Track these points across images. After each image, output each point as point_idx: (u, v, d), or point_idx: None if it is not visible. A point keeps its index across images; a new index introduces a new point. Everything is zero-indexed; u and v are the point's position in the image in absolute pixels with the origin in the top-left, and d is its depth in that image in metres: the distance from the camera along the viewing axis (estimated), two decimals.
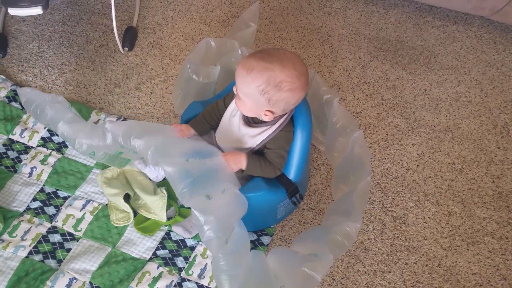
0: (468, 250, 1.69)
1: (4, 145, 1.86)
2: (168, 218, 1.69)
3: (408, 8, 2.37)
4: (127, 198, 1.72)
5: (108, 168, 1.77)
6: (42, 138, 1.88)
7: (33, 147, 1.86)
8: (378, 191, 1.81)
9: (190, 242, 1.67)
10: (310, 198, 1.79)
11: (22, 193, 1.75)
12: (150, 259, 1.63)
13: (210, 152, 1.54)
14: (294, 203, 1.67)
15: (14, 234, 1.66)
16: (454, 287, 1.62)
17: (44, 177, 1.79)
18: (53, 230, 1.68)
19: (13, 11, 1.73)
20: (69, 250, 1.64)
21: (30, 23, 2.26)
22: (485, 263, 1.67)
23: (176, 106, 1.91)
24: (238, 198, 1.48)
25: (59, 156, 1.84)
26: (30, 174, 1.80)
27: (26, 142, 1.87)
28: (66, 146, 1.87)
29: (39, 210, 1.72)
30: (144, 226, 1.69)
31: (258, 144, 1.55)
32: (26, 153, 1.85)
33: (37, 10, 1.72)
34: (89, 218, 1.71)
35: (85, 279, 1.59)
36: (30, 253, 1.63)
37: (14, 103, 1.96)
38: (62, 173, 1.80)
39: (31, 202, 1.74)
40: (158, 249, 1.65)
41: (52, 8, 2.31)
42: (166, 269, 1.61)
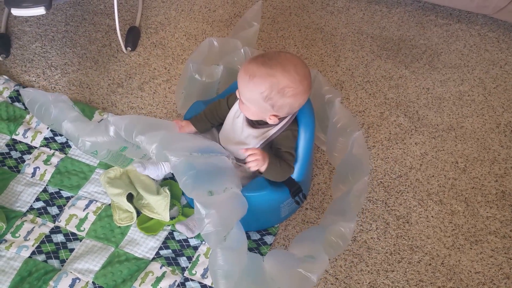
0: (471, 249, 1.69)
1: (7, 145, 1.87)
2: (171, 218, 1.69)
3: (411, 7, 2.36)
4: (130, 198, 1.72)
5: (111, 168, 1.78)
6: (45, 138, 1.88)
7: (36, 147, 1.87)
8: (381, 190, 1.81)
9: (193, 242, 1.67)
10: (313, 198, 1.79)
11: (25, 193, 1.76)
12: (153, 259, 1.63)
13: (214, 150, 1.55)
14: (297, 203, 1.67)
15: (17, 234, 1.66)
16: (457, 286, 1.62)
17: (47, 177, 1.80)
18: (56, 230, 1.69)
19: (16, 12, 1.73)
20: (72, 250, 1.65)
21: (33, 24, 2.27)
22: (488, 262, 1.67)
23: (179, 106, 1.91)
24: (239, 199, 1.48)
25: (62, 156, 1.85)
26: (33, 174, 1.80)
27: (29, 142, 1.88)
28: (69, 146, 1.87)
29: (42, 210, 1.72)
30: (147, 226, 1.69)
31: (261, 144, 1.55)
32: (29, 153, 1.85)
33: (40, 11, 1.72)
34: (92, 218, 1.71)
35: (88, 279, 1.59)
36: (33, 253, 1.63)
37: (17, 104, 1.96)
38: (65, 173, 1.81)
39: (34, 202, 1.74)
40: (161, 248, 1.65)
41: (55, 8, 2.32)
42: (169, 269, 1.61)
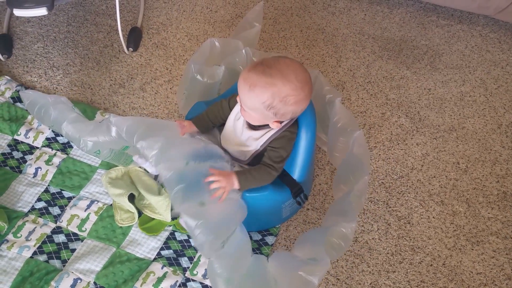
0: (472, 249, 1.69)
1: (9, 145, 1.87)
2: (172, 218, 1.69)
3: (412, 7, 2.36)
4: (132, 198, 1.72)
5: (112, 168, 1.78)
6: (47, 139, 1.88)
7: (38, 148, 1.87)
8: (383, 191, 1.81)
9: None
10: (314, 198, 1.79)
11: (26, 193, 1.76)
12: (155, 259, 1.63)
13: (214, 154, 1.55)
14: (299, 203, 1.67)
15: (18, 235, 1.67)
16: (458, 287, 1.62)
17: (48, 177, 1.80)
18: (57, 230, 1.69)
19: (18, 12, 1.74)
20: (73, 251, 1.65)
21: (35, 24, 2.27)
22: (489, 263, 1.66)
23: (180, 106, 1.91)
24: (235, 202, 1.48)
25: (64, 156, 1.85)
26: (35, 174, 1.80)
27: (31, 143, 1.88)
28: (71, 147, 1.87)
29: (44, 211, 1.72)
30: (148, 226, 1.69)
31: (262, 145, 1.54)
32: (31, 153, 1.85)
33: (42, 11, 1.73)
34: (93, 218, 1.71)
35: (89, 279, 1.59)
36: (35, 253, 1.63)
37: (19, 104, 1.96)
38: (67, 173, 1.81)
39: (36, 202, 1.74)
40: (162, 249, 1.65)
41: (57, 9, 2.32)
42: (171, 269, 1.61)
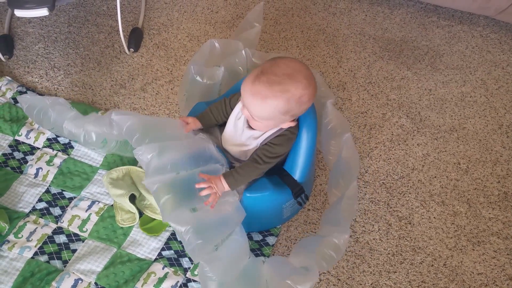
0: (473, 250, 1.69)
1: (10, 146, 1.87)
2: None
3: (413, 8, 2.36)
4: (133, 198, 1.72)
5: (113, 168, 1.78)
6: (48, 139, 1.88)
7: (39, 148, 1.87)
8: (384, 191, 1.81)
9: None
10: (315, 199, 1.79)
11: (27, 194, 1.76)
12: (156, 260, 1.63)
13: (209, 158, 1.55)
14: (300, 204, 1.67)
15: (19, 235, 1.67)
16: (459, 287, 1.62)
17: (49, 178, 1.80)
18: (58, 231, 1.69)
19: (19, 13, 1.74)
20: (74, 251, 1.65)
21: (36, 25, 2.27)
22: (490, 263, 1.66)
23: (181, 108, 1.91)
24: (230, 206, 1.49)
25: (65, 157, 1.85)
26: (36, 175, 1.81)
27: (32, 143, 1.88)
28: (72, 147, 1.87)
29: (45, 211, 1.73)
30: (149, 226, 1.69)
31: (262, 143, 1.55)
32: (32, 154, 1.86)
33: (43, 12, 1.73)
34: (94, 218, 1.71)
35: (90, 280, 1.59)
36: (36, 254, 1.63)
37: (20, 105, 1.97)
38: (68, 174, 1.81)
39: (37, 203, 1.74)
40: (163, 249, 1.65)
41: (58, 9, 2.32)
42: (172, 269, 1.61)
